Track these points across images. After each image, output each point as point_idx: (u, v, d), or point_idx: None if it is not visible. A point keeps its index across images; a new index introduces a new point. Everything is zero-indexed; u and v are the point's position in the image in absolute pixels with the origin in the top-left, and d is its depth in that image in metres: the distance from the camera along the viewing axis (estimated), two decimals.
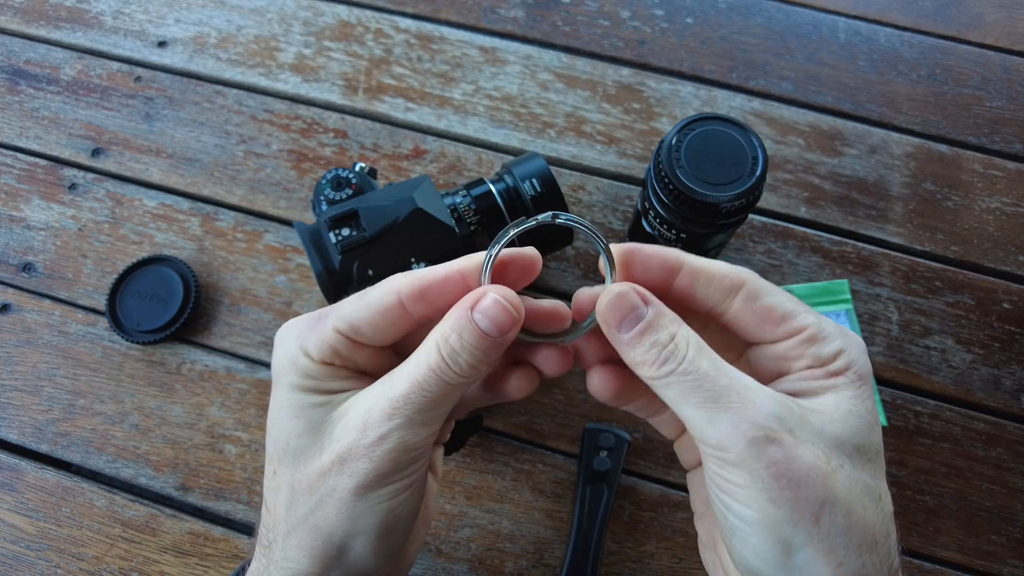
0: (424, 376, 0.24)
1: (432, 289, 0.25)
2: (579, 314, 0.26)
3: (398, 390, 0.24)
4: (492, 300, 0.24)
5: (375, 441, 0.24)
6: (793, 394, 0.24)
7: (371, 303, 0.25)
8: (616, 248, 0.25)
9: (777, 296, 0.25)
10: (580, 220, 0.25)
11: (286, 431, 0.25)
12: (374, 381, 0.26)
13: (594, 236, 0.25)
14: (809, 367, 0.24)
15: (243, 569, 0.30)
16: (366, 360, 0.27)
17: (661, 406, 0.28)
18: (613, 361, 0.26)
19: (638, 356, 0.24)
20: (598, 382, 0.27)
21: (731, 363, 0.24)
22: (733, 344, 0.27)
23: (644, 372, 0.24)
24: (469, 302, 0.24)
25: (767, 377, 0.26)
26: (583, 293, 0.26)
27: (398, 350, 0.28)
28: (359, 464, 0.24)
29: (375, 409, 0.24)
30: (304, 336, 0.26)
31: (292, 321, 0.27)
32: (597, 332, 0.26)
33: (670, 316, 0.24)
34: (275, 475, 0.26)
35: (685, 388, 0.23)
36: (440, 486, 0.48)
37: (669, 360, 0.23)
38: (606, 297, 0.24)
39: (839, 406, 0.23)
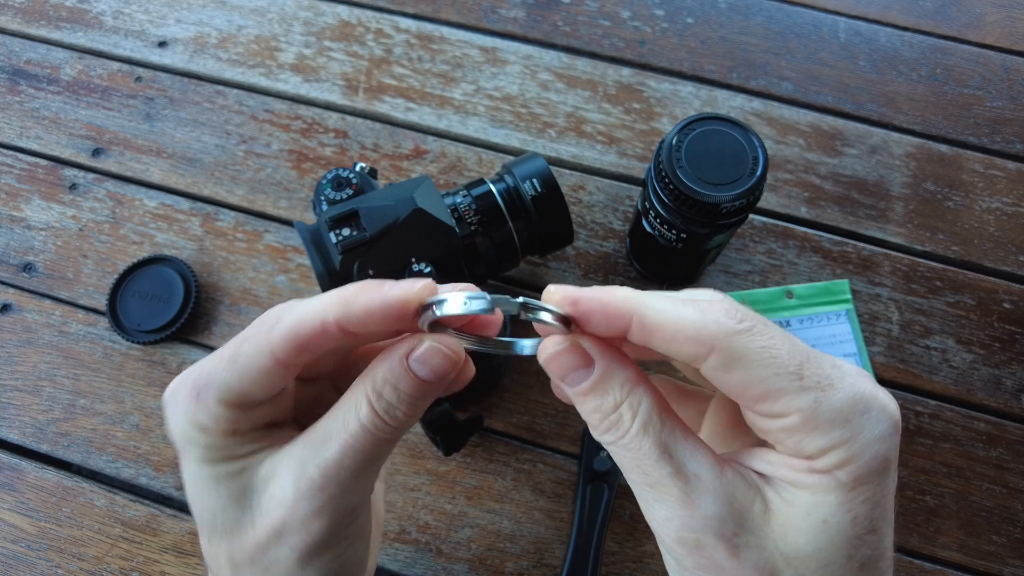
0: (356, 437, 0.22)
1: (311, 343, 0.22)
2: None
3: (327, 455, 0.22)
4: (429, 348, 0.22)
5: (310, 515, 0.22)
6: (770, 476, 0.21)
7: (247, 368, 0.22)
8: (556, 292, 0.22)
9: (758, 369, 0.20)
10: (536, 304, 0.21)
11: (210, 506, 0.23)
12: (287, 426, 0.25)
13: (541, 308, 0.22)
14: (793, 455, 0.21)
15: None
16: (270, 409, 0.24)
17: None
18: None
19: (584, 413, 0.22)
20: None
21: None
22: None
23: (591, 431, 0.22)
24: (403, 351, 0.22)
25: (758, 438, 0.23)
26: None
27: (302, 378, 0.26)
28: (297, 537, 0.22)
29: (303, 480, 0.22)
30: (193, 411, 0.22)
31: (175, 387, 0.23)
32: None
33: (619, 379, 0.21)
34: (211, 543, 0.24)
35: (626, 461, 0.21)
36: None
37: (611, 430, 0.21)
38: (547, 349, 0.22)
39: (810, 513, 0.20)
